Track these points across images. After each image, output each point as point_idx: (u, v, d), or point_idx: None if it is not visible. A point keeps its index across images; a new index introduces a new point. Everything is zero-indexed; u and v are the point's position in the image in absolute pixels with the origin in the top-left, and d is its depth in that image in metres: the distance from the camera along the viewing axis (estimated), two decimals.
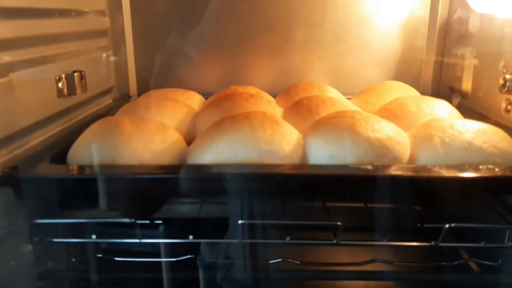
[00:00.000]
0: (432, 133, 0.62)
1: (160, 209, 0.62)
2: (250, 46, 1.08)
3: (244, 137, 0.60)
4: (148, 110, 0.76)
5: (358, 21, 1.06)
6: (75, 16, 0.83)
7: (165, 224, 0.63)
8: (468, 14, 0.92)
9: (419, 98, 0.78)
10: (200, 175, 0.56)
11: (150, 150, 0.61)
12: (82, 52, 0.86)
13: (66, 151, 0.64)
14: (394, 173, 0.55)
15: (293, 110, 0.78)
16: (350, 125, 0.61)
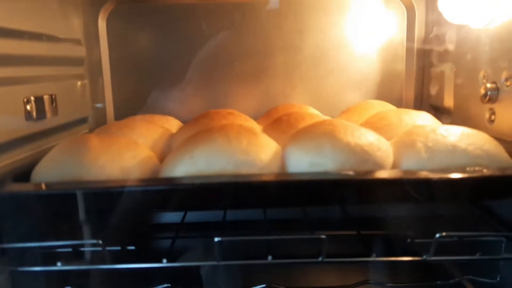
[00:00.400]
0: (415, 139, 0.60)
1: (130, 228, 0.58)
2: (230, 72, 1.07)
3: (219, 147, 0.57)
4: (120, 130, 0.73)
5: (336, 45, 1.06)
6: (47, 40, 0.81)
7: (138, 248, 0.58)
8: (444, 30, 0.92)
9: (400, 111, 0.76)
10: (168, 186, 0.52)
11: (119, 166, 0.58)
12: (55, 77, 0.84)
13: (31, 172, 0.60)
14: (376, 177, 0.52)
15: (273, 126, 0.75)
16: (330, 132, 0.58)
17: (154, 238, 0.61)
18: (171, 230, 0.61)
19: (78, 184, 0.52)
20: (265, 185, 0.51)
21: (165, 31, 1.06)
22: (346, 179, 0.51)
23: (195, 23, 1.06)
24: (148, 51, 1.07)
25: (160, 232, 0.62)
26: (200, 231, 0.57)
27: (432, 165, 0.56)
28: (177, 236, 0.58)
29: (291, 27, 1.05)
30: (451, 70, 0.90)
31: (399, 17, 1.05)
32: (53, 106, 0.77)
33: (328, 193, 0.51)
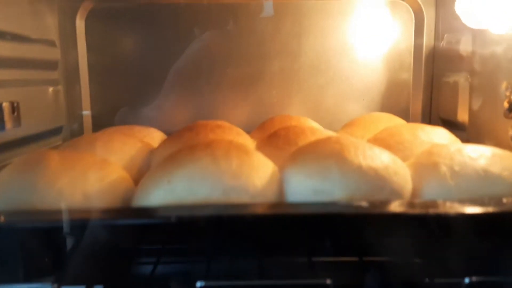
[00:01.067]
0: (438, 161, 0.50)
1: (94, 266, 0.47)
2: (221, 79, 0.98)
3: (203, 169, 0.47)
4: (91, 145, 0.63)
5: (338, 51, 0.97)
6: (11, 40, 0.71)
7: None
8: (458, 37, 0.84)
9: (413, 126, 0.67)
10: (133, 220, 0.42)
11: (81, 191, 0.47)
12: (20, 82, 0.74)
13: None
14: (397, 211, 0.42)
15: (268, 142, 0.65)
16: (337, 152, 0.49)
17: (125, 277, 0.51)
18: (145, 270, 0.50)
19: (18, 216, 0.42)
20: (258, 220, 0.41)
21: (150, 33, 0.96)
22: (359, 213, 0.41)
23: (183, 25, 0.96)
24: (130, 54, 0.97)
25: (132, 271, 0.52)
26: (179, 273, 0.47)
27: (460, 194, 0.47)
28: (152, 277, 0.47)
29: (288, 31, 0.96)
30: (466, 81, 0.81)
31: (406, 21, 0.96)
32: (14, 115, 0.66)
33: (337, 229, 0.41)
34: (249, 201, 0.46)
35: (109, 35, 0.96)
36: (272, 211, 0.42)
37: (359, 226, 0.42)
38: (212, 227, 0.41)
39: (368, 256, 0.47)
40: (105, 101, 0.98)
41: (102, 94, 0.98)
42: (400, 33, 0.97)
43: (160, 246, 0.47)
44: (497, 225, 0.43)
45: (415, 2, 0.94)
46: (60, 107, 0.90)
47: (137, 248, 0.48)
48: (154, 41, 0.97)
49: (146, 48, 0.97)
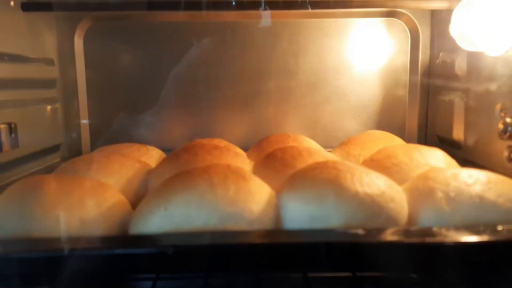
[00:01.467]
0: (433, 186, 0.51)
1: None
2: (218, 97, 0.98)
3: (200, 196, 0.47)
4: (89, 167, 0.63)
5: (334, 69, 0.98)
6: (9, 61, 0.72)
7: None
8: (453, 56, 0.85)
9: (409, 147, 0.67)
10: (130, 250, 0.42)
11: (78, 217, 0.47)
12: (18, 103, 0.74)
13: None
14: (395, 240, 0.42)
15: (265, 163, 0.66)
16: (334, 178, 0.49)
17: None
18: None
19: (15, 245, 0.42)
20: (254, 249, 0.41)
21: (147, 51, 0.97)
22: (357, 242, 0.41)
23: (181, 43, 0.97)
24: (128, 72, 0.98)
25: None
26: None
27: (455, 220, 0.47)
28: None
29: (285, 49, 0.97)
30: (461, 100, 0.82)
31: (402, 40, 0.97)
32: (11, 137, 0.66)
33: (334, 259, 0.41)
34: (246, 228, 0.46)
35: (107, 53, 0.97)
36: (268, 240, 0.43)
37: (357, 255, 0.42)
38: (205, 257, 0.41)
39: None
40: (103, 118, 0.98)
41: (100, 111, 0.98)
42: (396, 51, 0.97)
43: (153, 279, 0.47)
44: (491, 253, 0.44)
45: (410, 21, 0.95)
46: (58, 125, 0.90)
47: (132, 275, 0.48)
48: (152, 58, 0.97)
49: (144, 65, 0.98)
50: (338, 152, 0.80)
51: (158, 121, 0.99)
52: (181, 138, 0.99)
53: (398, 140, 0.82)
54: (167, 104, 0.99)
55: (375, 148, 0.76)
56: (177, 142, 0.96)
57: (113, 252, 0.41)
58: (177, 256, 0.41)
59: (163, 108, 0.99)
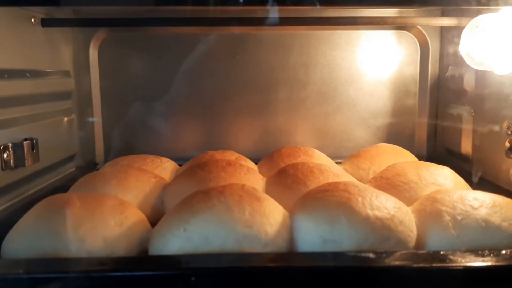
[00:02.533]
0: (441, 209, 0.53)
1: None
2: (229, 107, 1.00)
3: (217, 218, 0.50)
4: (108, 183, 0.65)
5: (344, 80, 1.00)
6: (31, 77, 0.74)
7: None
8: (461, 71, 0.86)
9: (418, 165, 0.69)
10: (159, 271, 0.44)
11: (102, 237, 0.50)
12: (38, 117, 0.77)
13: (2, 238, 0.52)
14: (406, 264, 0.44)
15: (277, 180, 0.68)
16: (345, 201, 0.51)
17: None
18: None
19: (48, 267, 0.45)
20: (270, 272, 0.44)
21: (160, 62, 0.99)
22: (369, 266, 0.43)
23: (194, 54, 0.99)
24: (141, 82, 1.00)
25: None
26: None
27: (462, 244, 0.49)
28: None
29: (296, 60, 0.99)
30: (469, 115, 0.83)
31: (412, 52, 0.98)
32: (33, 152, 0.69)
33: (345, 283, 0.44)
34: (261, 249, 0.49)
35: (121, 63, 0.99)
36: (284, 263, 0.45)
37: (369, 279, 0.44)
38: (223, 280, 0.44)
39: None
40: (116, 126, 1.01)
41: (114, 120, 1.00)
42: (406, 63, 0.99)
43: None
44: (497, 277, 0.46)
45: (420, 33, 0.96)
46: (73, 136, 0.92)
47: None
48: (165, 69, 0.99)
49: (157, 75, 1.00)
50: (348, 165, 0.82)
51: (170, 130, 1.02)
52: (193, 147, 1.01)
53: (406, 153, 0.84)
54: (179, 113, 1.01)
55: (384, 162, 0.78)
56: (189, 151, 0.99)
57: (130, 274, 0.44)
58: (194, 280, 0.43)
59: (175, 118, 1.01)
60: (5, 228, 0.55)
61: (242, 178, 0.67)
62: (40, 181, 0.77)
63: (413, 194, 0.63)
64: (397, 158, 0.80)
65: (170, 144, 1.01)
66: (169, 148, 1.00)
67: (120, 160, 0.82)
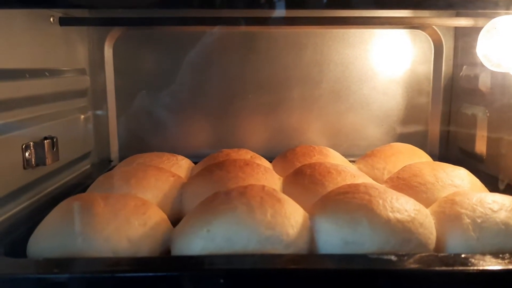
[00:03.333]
0: (460, 212, 0.53)
1: None
2: (243, 105, 1.01)
3: (240, 220, 0.50)
4: (127, 182, 0.66)
5: (358, 78, 1.00)
6: (50, 76, 0.75)
7: None
8: (476, 71, 0.86)
9: (435, 166, 0.69)
10: (184, 272, 0.45)
11: (126, 237, 0.51)
12: (57, 115, 0.77)
13: (27, 238, 0.53)
14: (429, 268, 0.45)
15: (294, 180, 0.68)
16: (366, 204, 0.52)
17: None
18: None
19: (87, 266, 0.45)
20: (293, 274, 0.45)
21: (175, 59, 1.00)
22: (394, 270, 0.44)
23: (208, 51, 0.99)
24: (156, 79, 1.01)
25: None
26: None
27: (482, 247, 0.50)
28: None
29: (310, 59, 0.99)
30: (484, 115, 0.83)
31: (426, 51, 0.98)
32: (53, 151, 0.70)
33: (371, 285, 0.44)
34: (283, 251, 0.50)
35: (136, 60, 1.00)
36: (311, 266, 0.46)
37: (390, 282, 0.45)
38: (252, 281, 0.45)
39: None
40: (130, 123, 1.01)
41: (129, 116, 1.01)
42: (419, 62, 0.99)
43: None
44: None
45: (434, 32, 0.96)
46: (89, 133, 0.93)
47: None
48: (178, 66, 1.00)
49: (171, 72, 1.00)
50: (362, 164, 0.83)
51: (184, 127, 1.02)
52: (207, 144, 1.02)
53: (421, 153, 0.84)
54: (193, 111, 1.02)
55: (399, 162, 0.79)
56: (203, 149, 1.00)
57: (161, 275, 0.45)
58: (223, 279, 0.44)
59: (189, 115, 1.02)
60: (29, 226, 0.56)
61: (260, 178, 0.67)
62: (57, 178, 0.78)
63: (430, 195, 0.63)
64: (412, 158, 0.80)
65: (184, 142, 1.02)
66: (183, 145, 1.01)
67: (136, 158, 0.83)
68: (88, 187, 0.69)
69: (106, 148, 1.00)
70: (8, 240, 0.54)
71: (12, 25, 0.64)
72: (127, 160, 0.83)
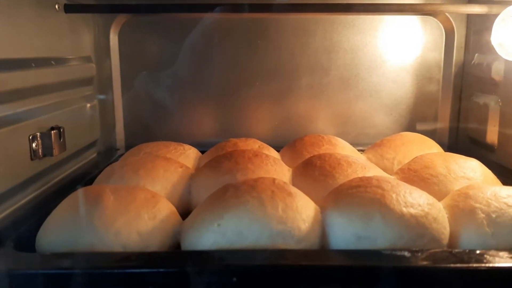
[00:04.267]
0: (474, 206, 0.52)
1: None
2: (250, 93, 1.00)
3: (251, 214, 0.50)
4: (136, 173, 0.65)
5: (367, 66, 0.98)
6: (56, 65, 0.74)
7: None
8: (489, 59, 0.84)
9: (447, 157, 0.68)
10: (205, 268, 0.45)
11: (136, 231, 0.50)
12: (63, 104, 0.77)
13: (36, 230, 0.53)
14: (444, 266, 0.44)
15: (304, 172, 0.68)
16: (379, 198, 0.51)
17: None
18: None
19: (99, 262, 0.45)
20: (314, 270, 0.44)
21: (181, 46, 0.98)
22: (409, 267, 0.43)
23: (215, 38, 0.98)
24: (162, 66, 0.99)
25: None
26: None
27: (497, 243, 0.49)
28: None
29: (318, 46, 0.97)
30: (497, 104, 0.82)
31: (437, 38, 0.96)
32: (60, 141, 0.69)
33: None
34: (295, 245, 0.49)
35: (141, 47, 0.98)
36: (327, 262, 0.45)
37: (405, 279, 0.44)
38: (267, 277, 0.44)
39: None
40: (137, 110, 1.01)
41: (135, 104, 1.00)
42: (430, 49, 0.97)
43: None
44: None
45: (446, 19, 0.94)
46: (95, 122, 0.92)
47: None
48: (185, 54, 0.98)
49: (177, 59, 0.99)
50: (372, 154, 0.82)
51: (190, 115, 1.01)
52: (214, 133, 1.01)
53: (431, 143, 0.83)
54: (200, 98, 1.01)
55: (409, 152, 0.78)
56: (209, 137, 0.99)
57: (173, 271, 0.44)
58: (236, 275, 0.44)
59: (195, 103, 1.01)
60: (37, 218, 0.56)
61: (269, 170, 0.67)
62: (64, 168, 0.78)
63: (442, 188, 0.62)
64: (423, 148, 0.79)
65: (190, 130, 1.01)
66: (189, 133, 1.00)
67: (143, 148, 0.82)
68: (96, 177, 0.69)
69: (113, 137, 0.99)
70: (17, 233, 0.54)
71: (17, 14, 0.63)
72: (133, 150, 0.83)
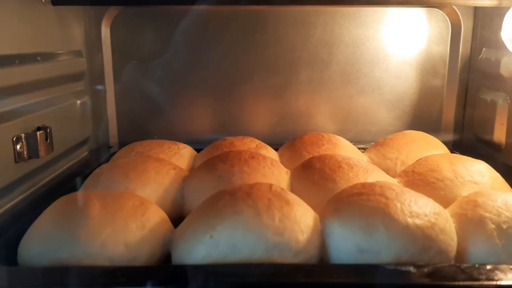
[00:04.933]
0: (484, 216, 0.49)
1: None
2: (248, 88, 0.96)
3: (246, 224, 0.46)
4: (126, 176, 0.62)
5: (369, 60, 0.94)
6: (42, 60, 0.70)
7: None
8: (497, 55, 0.80)
9: (453, 160, 0.65)
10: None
11: (123, 242, 0.47)
12: (51, 102, 0.73)
13: (19, 239, 0.50)
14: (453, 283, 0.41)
15: (303, 175, 0.64)
16: (382, 208, 0.47)
17: None
18: None
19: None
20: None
21: (175, 38, 0.94)
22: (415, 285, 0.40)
23: (211, 31, 0.94)
24: (156, 60, 0.95)
25: None
26: None
27: (508, 256, 0.46)
28: None
29: (319, 39, 0.93)
30: (505, 101, 0.78)
31: (442, 31, 0.92)
32: (47, 142, 0.66)
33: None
34: (292, 258, 0.46)
35: (134, 40, 0.94)
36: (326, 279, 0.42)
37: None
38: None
39: None
40: (130, 106, 0.97)
41: (128, 99, 0.97)
42: (435, 43, 0.93)
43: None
44: None
45: (453, 12, 0.90)
46: (86, 119, 0.89)
47: None
48: (180, 46, 0.94)
49: (172, 53, 0.95)
50: (374, 153, 0.79)
51: (185, 111, 0.98)
52: (210, 129, 0.98)
53: (436, 142, 0.79)
54: (195, 94, 0.97)
55: (413, 152, 0.75)
56: (205, 134, 0.96)
57: None
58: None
59: (190, 98, 0.97)
60: (21, 224, 0.53)
61: (266, 172, 0.63)
62: (53, 169, 0.74)
63: (448, 193, 0.59)
64: (427, 147, 0.76)
65: (185, 126, 0.97)
66: (184, 130, 0.97)
67: (136, 147, 0.79)
68: (87, 177, 0.66)
69: (105, 134, 0.96)
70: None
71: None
72: (125, 149, 0.79)
